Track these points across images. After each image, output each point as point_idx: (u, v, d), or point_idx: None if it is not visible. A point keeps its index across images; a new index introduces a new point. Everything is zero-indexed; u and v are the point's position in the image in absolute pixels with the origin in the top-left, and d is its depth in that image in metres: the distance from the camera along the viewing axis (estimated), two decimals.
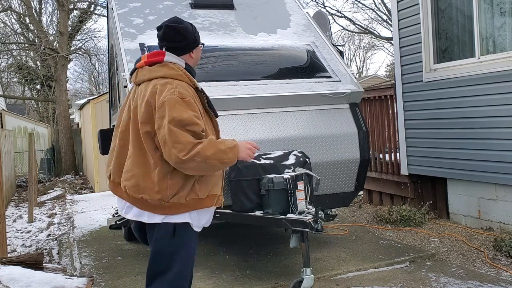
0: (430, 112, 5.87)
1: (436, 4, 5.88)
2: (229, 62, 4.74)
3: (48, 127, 23.93)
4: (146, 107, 2.42)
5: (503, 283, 3.84)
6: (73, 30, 19.68)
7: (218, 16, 5.36)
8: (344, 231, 5.63)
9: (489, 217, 5.33)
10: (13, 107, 28.78)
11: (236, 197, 4.13)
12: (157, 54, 2.57)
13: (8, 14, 21.37)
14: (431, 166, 5.92)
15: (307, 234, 3.68)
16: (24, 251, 5.99)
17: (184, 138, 2.32)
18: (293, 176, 3.91)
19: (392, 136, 6.71)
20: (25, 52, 22.46)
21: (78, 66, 43.43)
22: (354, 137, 4.66)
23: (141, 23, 5.01)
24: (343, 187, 4.75)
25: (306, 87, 4.61)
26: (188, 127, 2.35)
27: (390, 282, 3.97)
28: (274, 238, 5.47)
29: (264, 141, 4.38)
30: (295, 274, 4.03)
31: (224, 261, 4.72)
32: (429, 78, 5.87)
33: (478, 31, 5.29)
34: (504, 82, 4.90)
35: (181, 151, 2.30)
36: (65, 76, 17.81)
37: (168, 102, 2.37)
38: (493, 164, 5.09)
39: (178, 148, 2.31)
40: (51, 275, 3.06)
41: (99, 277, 4.46)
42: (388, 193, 6.86)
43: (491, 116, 5.09)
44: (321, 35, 5.38)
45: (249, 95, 4.41)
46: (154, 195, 2.41)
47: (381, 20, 24.71)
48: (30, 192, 8.65)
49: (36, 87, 24.71)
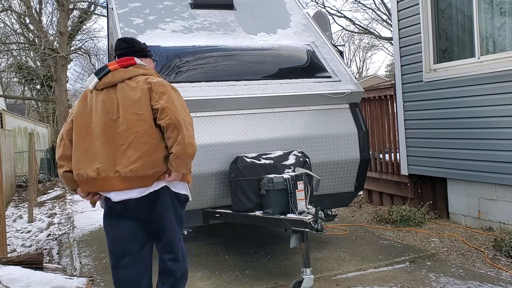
0: (430, 112, 5.87)
1: (436, 4, 5.88)
2: (229, 62, 4.74)
3: (48, 127, 23.93)
4: (143, 95, 2.73)
5: (503, 283, 3.84)
6: (73, 30, 19.69)
7: (218, 16, 5.36)
8: (344, 231, 5.63)
9: (489, 217, 5.33)
10: (13, 107, 28.77)
11: (236, 197, 4.13)
12: (128, 59, 2.92)
13: (8, 14, 21.38)
14: (431, 166, 5.92)
15: (307, 234, 3.68)
16: (24, 251, 5.99)
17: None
18: (293, 176, 3.91)
19: (392, 136, 6.71)
20: (25, 52, 22.48)
21: (78, 66, 43.38)
22: (354, 137, 4.66)
23: (141, 23, 5.01)
24: (343, 187, 4.75)
25: (306, 87, 4.61)
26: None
27: (390, 282, 3.97)
28: (274, 238, 5.47)
29: (264, 141, 4.38)
30: (295, 274, 4.03)
31: (224, 261, 4.72)
32: (429, 78, 5.87)
33: (478, 31, 5.29)
34: (504, 82, 4.90)
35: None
36: (65, 76, 17.80)
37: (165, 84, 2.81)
38: (493, 164, 5.09)
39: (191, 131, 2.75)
40: (51, 275, 3.06)
41: (99, 277, 4.46)
42: (388, 193, 6.86)
43: (491, 116, 5.09)
44: (321, 35, 5.38)
45: (249, 95, 4.41)
46: (163, 167, 2.72)
47: (381, 20, 24.74)
48: (30, 192, 8.66)
49: (36, 87, 24.72)
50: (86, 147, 2.78)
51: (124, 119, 2.72)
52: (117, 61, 2.91)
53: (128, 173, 2.68)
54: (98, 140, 2.75)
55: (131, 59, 2.92)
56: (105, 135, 2.74)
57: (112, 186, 2.72)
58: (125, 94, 2.76)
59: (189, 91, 4.26)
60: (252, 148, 4.34)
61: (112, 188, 2.72)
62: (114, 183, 2.71)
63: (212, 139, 4.22)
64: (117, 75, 2.83)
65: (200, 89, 4.33)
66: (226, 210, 4.27)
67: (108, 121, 2.76)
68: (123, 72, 2.84)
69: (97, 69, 2.94)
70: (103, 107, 2.78)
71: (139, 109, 2.71)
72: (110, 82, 2.83)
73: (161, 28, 4.99)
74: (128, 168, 2.67)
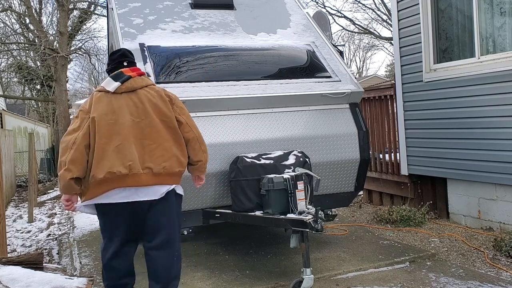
0: (430, 112, 5.87)
1: (436, 4, 5.88)
2: (229, 62, 4.73)
3: (48, 127, 23.92)
4: (165, 104, 3.14)
5: (503, 283, 3.84)
6: (73, 30, 19.66)
7: (218, 16, 5.36)
8: (344, 231, 5.63)
9: (489, 217, 5.33)
10: (13, 107, 28.76)
11: (236, 197, 4.13)
12: (139, 70, 3.26)
13: (8, 14, 21.37)
14: (431, 166, 5.92)
15: (307, 234, 3.68)
16: (24, 251, 6.00)
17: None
18: (293, 176, 3.91)
19: (392, 136, 6.71)
20: (25, 52, 22.46)
21: (78, 66, 43.40)
22: (354, 137, 4.66)
23: (141, 23, 5.00)
24: (343, 187, 4.75)
25: (306, 87, 4.61)
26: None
27: (390, 282, 3.97)
28: (274, 238, 5.47)
29: (264, 141, 4.38)
30: (295, 274, 4.03)
31: (224, 261, 4.72)
32: (429, 78, 5.87)
33: (478, 31, 5.29)
34: (504, 82, 4.90)
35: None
36: (65, 76, 17.79)
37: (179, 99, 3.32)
38: (493, 164, 5.09)
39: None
40: (51, 275, 3.07)
41: (99, 277, 4.46)
42: (388, 193, 6.86)
43: (491, 116, 5.09)
44: (321, 35, 5.38)
45: (249, 95, 4.41)
46: (184, 168, 3.21)
47: (381, 20, 24.73)
48: (30, 192, 8.66)
49: (36, 87, 24.70)
50: (114, 147, 2.98)
51: (152, 122, 3.06)
52: (132, 69, 3.21)
53: (161, 169, 3.03)
54: (126, 140, 3.00)
55: (140, 70, 3.25)
56: (132, 135, 3.02)
57: (141, 181, 2.99)
58: (151, 101, 3.11)
59: (189, 91, 4.26)
60: (252, 148, 4.34)
61: (141, 183, 3.00)
62: (143, 178, 3.00)
63: (212, 139, 4.22)
64: (138, 81, 3.16)
65: (200, 89, 4.33)
66: (226, 210, 4.27)
67: (133, 122, 3.04)
68: (140, 80, 3.18)
69: (114, 74, 3.17)
70: (127, 110, 3.05)
71: (165, 116, 3.11)
72: (132, 87, 3.13)
73: (161, 28, 4.99)
74: (161, 165, 3.03)
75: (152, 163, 3.01)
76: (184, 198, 3.97)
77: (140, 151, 3.01)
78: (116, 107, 3.04)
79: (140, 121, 3.05)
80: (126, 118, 3.02)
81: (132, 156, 2.97)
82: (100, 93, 3.11)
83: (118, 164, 2.94)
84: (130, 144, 2.99)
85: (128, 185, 2.98)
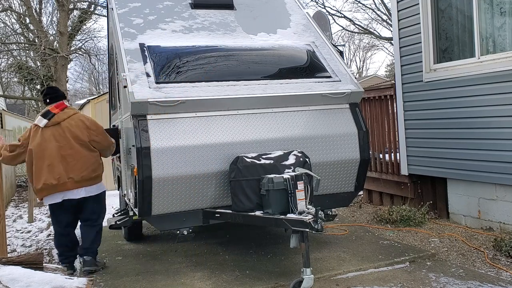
0: (430, 112, 5.87)
1: (436, 4, 5.88)
2: (229, 62, 4.73)
3: None
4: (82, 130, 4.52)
5: (503, 283, 3.84)
6: (73, 30, 19.65)
7: (218, 16, 5.36)
8: (344, 231, 5.63)
9: (489, 217, 5.33)
10: (13, 107, 28.80)
11: (236, 197, 4.13)
12: (62, 105, 4.61)
13: (8, 14, 21.36)
14: (431, 166, 5.92)
15: (307, 234, 3.68)
16: (24, 251, 6.00)
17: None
18: (293, 176, 3.90)
19: (392, 136, 6.71)
20: (25, 52, 22.45)
21: (78, 66, 43.35)
22: (354, 137, 4.66)
23: (141, 23, 5.00)
24: (343, 187, 4.75)
25: (306, 87, 4.61)
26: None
27: (390, 282, 3.97)
28: (274, 238, 5.48)
29: (264, 141, 4.38)
30: (295, 274, 4.03)
31: (224, 261, 4.72)
32: (429, 78, 5.87)
33: (478, 31, 5.29)
34: (504, 82, 4.90)
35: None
36: (65, 76, 17.80)
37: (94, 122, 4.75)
38: (493, 164, 5.09)
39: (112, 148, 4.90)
40: (51, 275, 3.07)
41: (99, 277, 4.46)
42: (388, 193, 6.86)
43: (491, 116, 5.09)
44: (321, 35, 5.38)
45: (249, 95, 4.40)
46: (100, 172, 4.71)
47: (381, 20, 24.73)
48: (30, 192, 8.65)
49: (36, 87, 24.67)
50: (46, 166, 4.38)
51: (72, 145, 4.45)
52: (56, 106, 4.56)
53: (79, 178, 4.47)
54: (54, 160, 4.40)
55: (63, 104, 4.62)
56: (58, 156, 4.41)
57: (67, 187, 4.45)
58: (70, 130, 4.48)
59: (189, 91, 4.26)
60: (252, 148, 4.34)
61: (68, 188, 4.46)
62: (68, 185, 4.44)
63: (212, 139, 4.22)
64: (61, 116, 4.52)
65: (200, 89, 4.33)
66: (226, 210, 4.27)
67: (58, 147, 4.42)
68: (63, 114, 4.53)
69: (43, 113, 4.54)
70: (54, 138, 4.44)
71: (81, 140, 4.50)
72: (56, 122, 4.48)
73: (161, 28, 4.99)
74: (80, 175, 4.47)
75: (73, 174, 4.44)
76: (184, 198, 4.18)
77: (65, 166, 4.42)
78: (46, 137, 4.43)
79: (63, 146, 4.42)
80: (53, 144, 4.40)
81: (59, 171, 4.40)
82: (35, 127, 4.50)
83: (50, 177, 4.38)
84: (58, 163, 4.40)
85: (59, 190, 4.44)
